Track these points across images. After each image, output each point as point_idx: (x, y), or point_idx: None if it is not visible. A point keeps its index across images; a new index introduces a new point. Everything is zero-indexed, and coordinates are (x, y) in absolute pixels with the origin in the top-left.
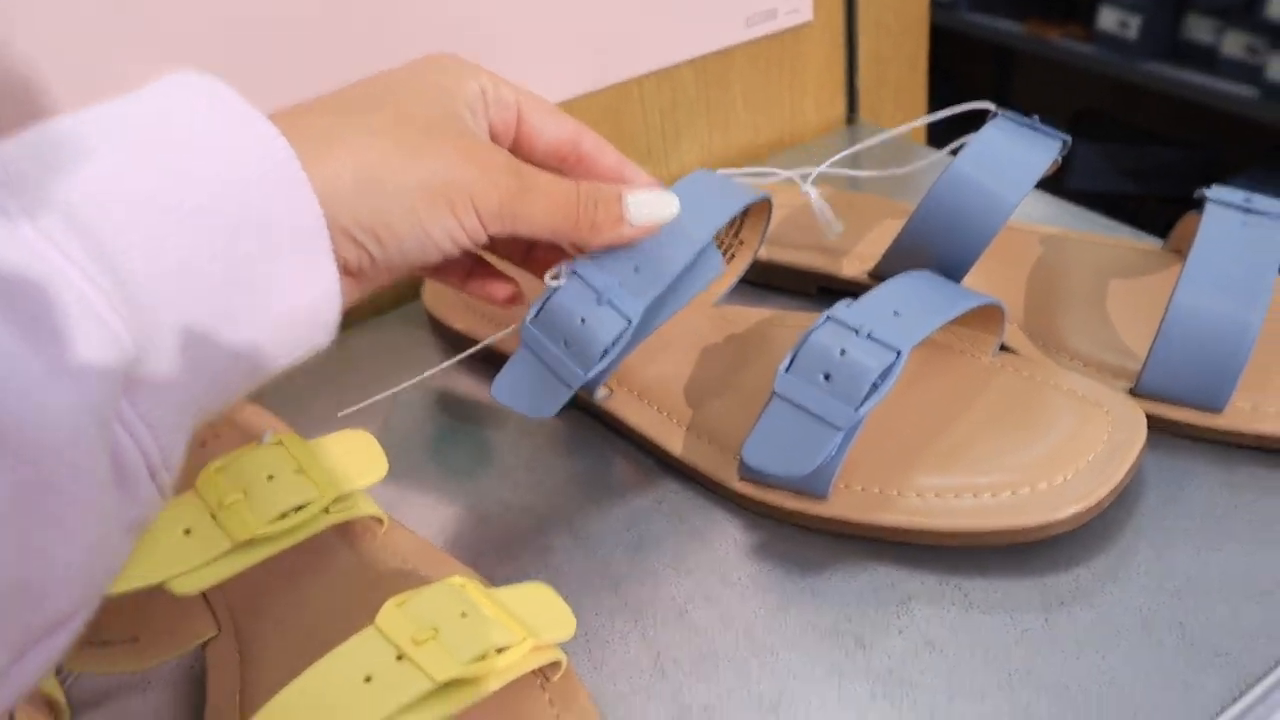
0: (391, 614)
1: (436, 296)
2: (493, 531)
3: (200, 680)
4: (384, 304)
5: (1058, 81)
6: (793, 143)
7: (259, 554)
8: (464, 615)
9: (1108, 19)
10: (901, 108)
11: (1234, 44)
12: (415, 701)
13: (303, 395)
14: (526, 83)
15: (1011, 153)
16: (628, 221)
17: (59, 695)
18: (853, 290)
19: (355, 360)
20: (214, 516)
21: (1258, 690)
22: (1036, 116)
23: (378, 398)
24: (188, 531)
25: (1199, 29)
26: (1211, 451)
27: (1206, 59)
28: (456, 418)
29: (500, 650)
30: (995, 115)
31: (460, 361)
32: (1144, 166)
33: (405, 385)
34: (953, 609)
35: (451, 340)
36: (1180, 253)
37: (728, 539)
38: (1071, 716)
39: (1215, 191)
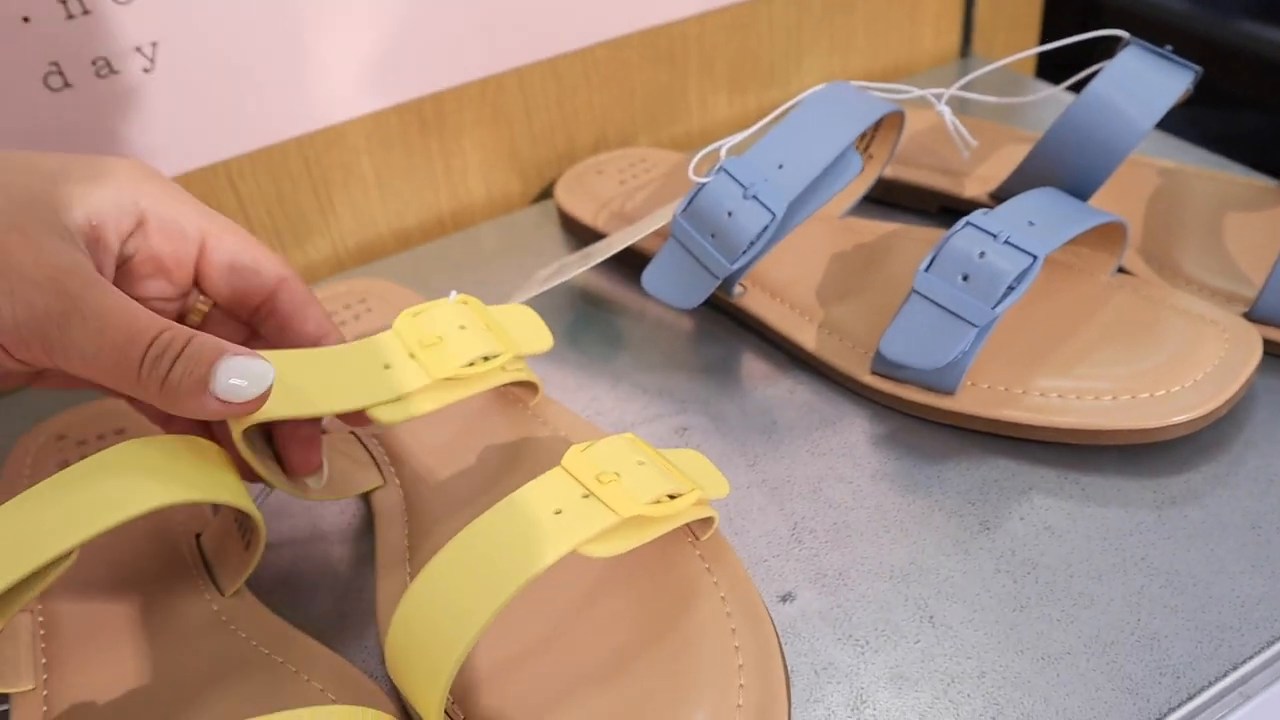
0: (576, 457)
1: (569, 193)
2: (632, 411)
3: (366, 530)
4: (514, 201)
5: (1146, 38)
6: (908, 71)
7: (452, 395)
8: (640, 464)
9: None
10: (1015, 42)
11: None
12: (601, 534)
13: (441, 285)
14: None
15: (1148, 78)
16: (212, 392)
17: (256, 512)
18: (974, 210)
19: (488, 254)
20: (412, 356)
21: None
22: (1170, 47)
23: (538, 289)
24: (388, 366)
25: None
26: None
27: None
28: (593, 307)
29: (672, 497)
30: (1129, 43)
31: (588, 237)
32: (1231, 133)
33: (573, 275)
34: (1070, 500)
35: (581, 235)
36: None
37: (856, 428)
38: (1182, 599)
39: None
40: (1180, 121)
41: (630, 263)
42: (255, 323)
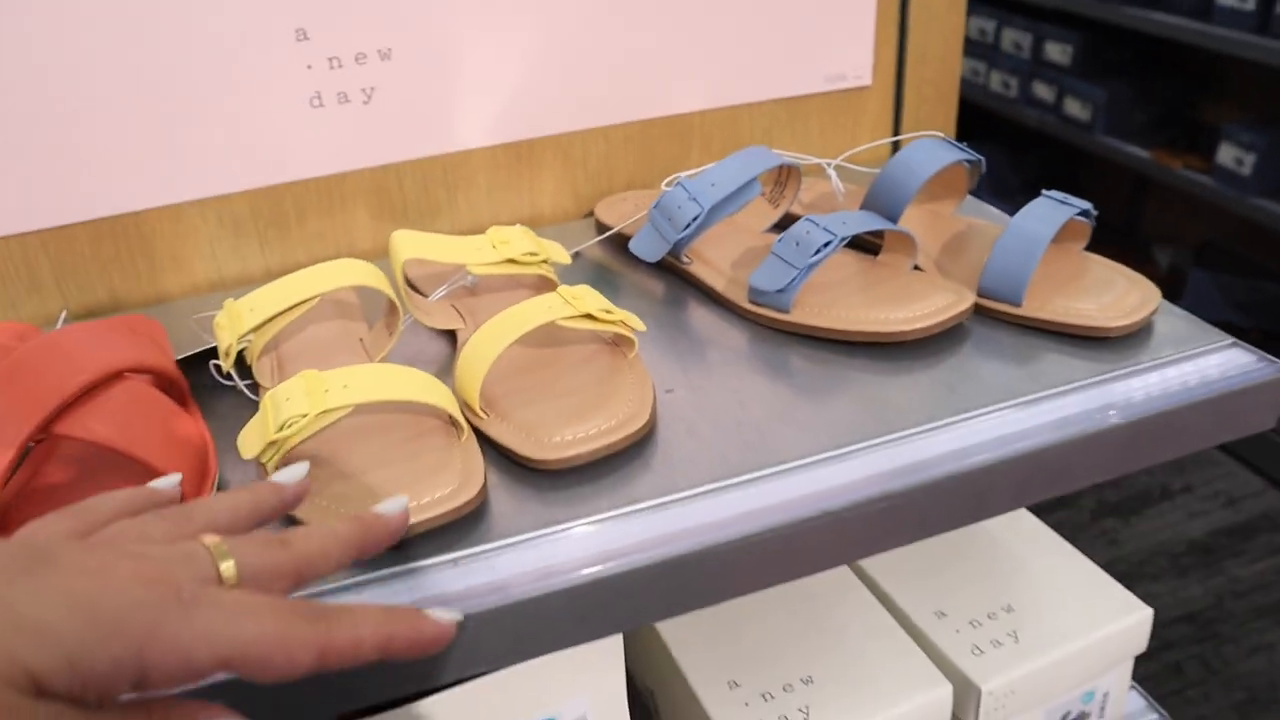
0: (563, 289)
1: (604, 211)
2: None
3: (448, 363)
4: (570, 215)
5: (1185, 210)
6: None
7: (513, 270)
8: (595, 295)
9: (1225, 154)
10: None
11: None
12: (568, 317)
13: None
14: (665, 94)
15: (930, 153)
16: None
17: (400, 308)
18: None
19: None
20: (494, 247)
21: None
22: (966, 144)
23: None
24: (479, 249)
25: None
26: (1013, 329)
27: None
28: (605, 271)
29: (608, 311)
30: (926, 137)
31: (609, 240)
32: (1253, 300)
33: (593, 241)
34: (836, 366)
35: (604, 230)
36: None
37: (736, 332)
38: (867, 413)
39: (1047, 192)
40: (1210, 288)
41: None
42: None
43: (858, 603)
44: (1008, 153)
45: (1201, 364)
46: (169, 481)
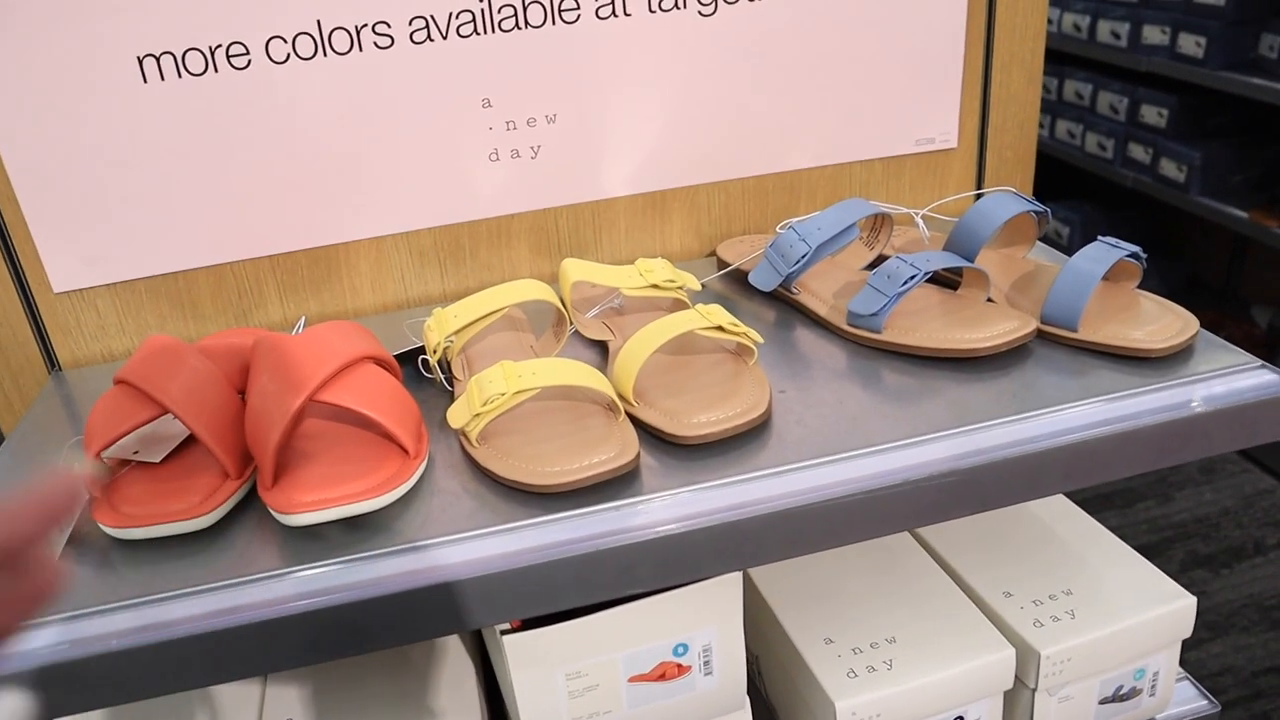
0: (699, 306)
1: (725, 250)
2: None
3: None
4: (694, 253)
5: None
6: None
7: (653, 292)
8: (725, 311)
9: None
10: None
11: None
12: (704, 328)
13: None
14: (779, 154)
15: (999, 205)
16: None
17: (565, 320)
18: None
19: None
20: (640, 275)
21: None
22: (1015, 188)
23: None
24: (631, 275)
25: None
26: (1070, 350)
27: None
28: (726, 300)
29: (734, 324)
30: (998, 191)
31: (728, 275)
32: None
33: (712, 277)
34: (919, 376)
35: (724, 265)
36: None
37: (837, 350)
38: (942, 412)
39: (1102, 237)
40: None
41: (742, 278)
42: None
43: (936, 582)
44: (1105, 212)
45: (1229, 381)
46: None
